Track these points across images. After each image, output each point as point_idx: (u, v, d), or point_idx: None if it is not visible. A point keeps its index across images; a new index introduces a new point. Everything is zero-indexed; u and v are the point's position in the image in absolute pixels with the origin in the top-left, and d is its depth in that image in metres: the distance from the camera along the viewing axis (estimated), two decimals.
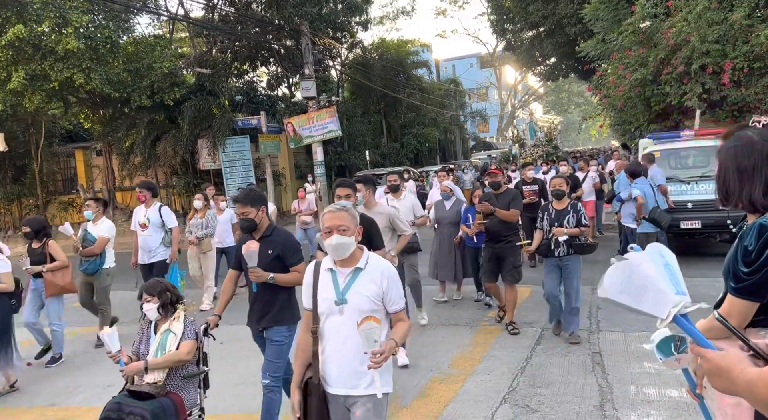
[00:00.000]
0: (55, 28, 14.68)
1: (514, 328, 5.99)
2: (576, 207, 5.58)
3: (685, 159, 9.39)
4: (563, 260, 5.52)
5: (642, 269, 1.68)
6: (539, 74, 31.71)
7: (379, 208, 5.28)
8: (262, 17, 19.64)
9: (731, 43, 12.31)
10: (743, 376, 1.26)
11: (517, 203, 6.05)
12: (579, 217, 5.50)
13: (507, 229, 6.01)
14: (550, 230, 5.54)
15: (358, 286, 2.61)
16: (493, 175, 6.20)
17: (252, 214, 3.80)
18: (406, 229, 5.25)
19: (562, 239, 5.42)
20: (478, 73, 47.37)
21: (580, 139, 66.84)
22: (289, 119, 18.31)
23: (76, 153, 21.77)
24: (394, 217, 5.19)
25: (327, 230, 2.57)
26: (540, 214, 5.73)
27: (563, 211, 5.57)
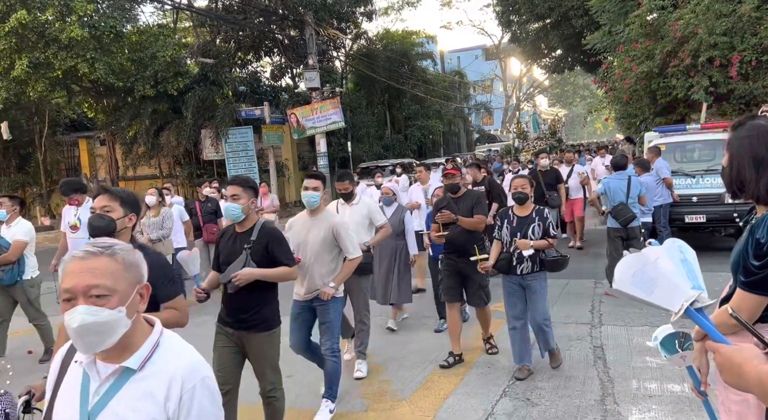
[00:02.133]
0: (59, 16, 14.64)
1: (492, 347, 5.24)
2: (542, 214, 4.64)
3: (691, 152, 9.31)
4: (527, 278, 4.60)
5: (658, 264, 1.65)
6: (545, 66, 31.47)
7: (325, 215, 4.26)
8: (266, 7, 19.54)
9: (739, 36, 12.17)
10: (756, 372, 1.23)
11: (482, 207, 5.09)
12: (546, 226, 4.59)
13: (472, 240, 5.01)
14: (512, 242, 4.60)
15: (118, 405, 1.41)
16: (450, 177, 5.19)
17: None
18: (351, 248, 4.17)
19: (527, 253, 4.50)
20: (483, 65, 47.12)
21: (585, 132, 66.56)
22: (292, 110, 18.25)
23: (79, 142, 21.78)
24: (339, 229, 4.14)
25: (66, 297, 1.37)
26: (498, 222, 4.78)
27: (527, 218, 4.63)
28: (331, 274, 4.14)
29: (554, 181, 9.48)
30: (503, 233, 4.69)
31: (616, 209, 6.79)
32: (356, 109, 21.78)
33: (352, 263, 4.19)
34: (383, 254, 6.05)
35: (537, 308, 4.65)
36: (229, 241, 3.52)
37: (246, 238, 3.43)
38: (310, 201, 4.11)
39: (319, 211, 4.19)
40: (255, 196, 3.51)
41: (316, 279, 4.12)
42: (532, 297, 4.64)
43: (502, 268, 4.66)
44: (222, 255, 3.54)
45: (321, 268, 4.14)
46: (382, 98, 25.51)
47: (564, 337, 5.54)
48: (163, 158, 19.73)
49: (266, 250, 3.40)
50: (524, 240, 4.52)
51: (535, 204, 5.63)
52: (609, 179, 7.12)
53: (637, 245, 6.80)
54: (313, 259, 4.10)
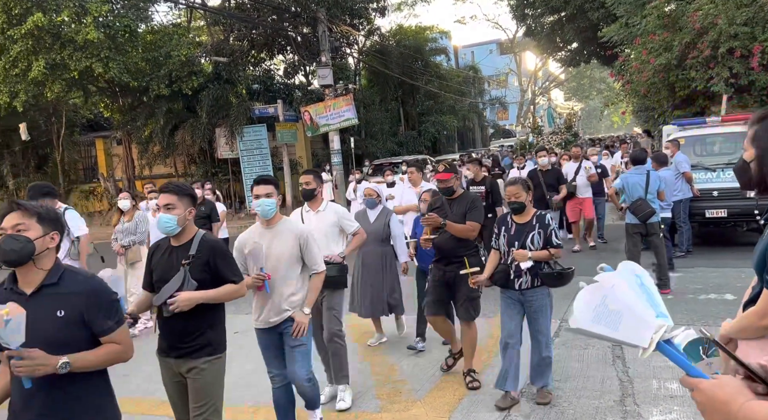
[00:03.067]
0: (74, 17, 14.77)
1: (474, 380, 4.54)
2: (543, 220, 4.11)
3: (711, 145, 9.11)
4: (526, 294, 4.08)
5: (616, 292, 1.43)
6: (560, 60, 31.15)
7: (285, 224, 3.72)
8: (278, 4, 19.54)
9: (761, 26, 11.88)
10: (743, 412, 1.05)
11: (476, 213, 4.52)
12: (548, 235, 4.05)
13: (462, 247, 4.50)
14: (509, 252, 4.10)
15: None
16: (443, 182, 4.62)
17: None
18: (319, 260, 3.73)
19: (524, 266, 3.98)
20: (497, 60, 46.76)
21: (602, 126, 65.81)
22: (306, 107, 18.24)
23: (96, 142, 22.01)
24: (308, 239, 3.66)
25: None
26: (495, 229, 4.26)
27: (526, 225, 4.09)
28: (299, 293, 3.65)
29: (555, 181, 8.73)
30: (500, 242, 4.17)
31: (635, 204, 6.63)
32: (370, 106, 21.73)
33: (320, 278, 3.71)
34: (368, 262, 5.43)
35: (539, 327, 4.11)
36: (164, 256, 3.06)
37: (183, 253, 2.99)
38: (265, 210, 3.57)
39: (276, 221, 3.65)
40: (193, 204, 3.08)
41: (282, 302, 3.58)
42: (532, 315, 4.12)
43: (499, 281, 4.17)
44: (156, 272, 3.07)
45: (287, 287, 3.60)
46: (395, 94, 25.41)
47: (581, 336, 5.44)
48: (178, 157, 19.86)
49: (208, 265, 2.97)
50: (521, 251, 3.99)
51: (535, 208, 5.51)
52: (627, 174, 6.99)
53: (657, 241, 6.68)
54: (278, 277, 3.57)
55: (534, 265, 3.99)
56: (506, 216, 4.26)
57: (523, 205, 4.09)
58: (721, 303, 6.02)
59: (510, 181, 4.31)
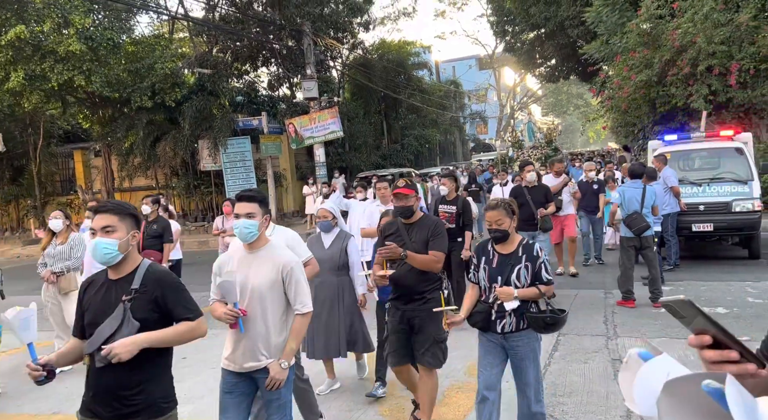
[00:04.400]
0: (55, 27, 14.52)
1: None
2: (531, 250, 3.41)
3: (695, 160, 9.31)
4: (510, 339, 3.39)
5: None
6: (539, 76, 31.69)
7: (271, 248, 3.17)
8: (263, 17, 19.52)
9: (737, 45, 12.26)
10: None
11: (441, 241, 3.79)
12: (537, 269, 3.36)
13: (425, 281, 3.80)
14: (491, 289, 3.41)
15: None
16: (401, 198, 3.85)
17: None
18: (305, 298, 3.22)
19: (509, 307, 3.32)
20: (477, 75, 47.31)
21: (579, 141, 66.92)
22: (290, 120, 18.18)
23: (74, 153, 21.59)
24: (293, 269, 3.06)
25: None
26: (474, 259, 3.56)
27: (511, 257, 3.41)
28: (279, 335, 3.00)
29: (543, 198, 7.64)
30: (480, 276, 3.47)
31: (631, 218, 6.70)
32: (353, 119, 21.76)
33: (305, 320, 3.05)
34: (321, 295, 4.62)
35: (527, 378, 3.42)
36: (100, 292, 2.49)
37: (124, 287, 2.44)
38: (243, 233, 2.97)
39: (259, 245, 3.07)
40: (137, 226, 2.55)
41: (260, 343, 2.96)
42: (518, 365, 3.43)
43: (478, 323, 3.46)
44: (89, 313, 2.48)
45: (266, 329, 2.98)
46: (379, 108, 25.52)
47: (580, 349, 5.47)
48: (160, 169, 19.57)
49: (155, 302, 2.43)
50: (506, 288, 3.32)
51: (525, 230, 5.14)
52: (624, 188, 7.05)
53: (651, 254, 6.76)
54: (255, 315, 2.96)
55: (520, 304, 3.33)
56: (487, 244, 3.53)
57: (506, 233, 3.40)
58: (714, 317, 6.08)
59: (491, 204, 3.49)
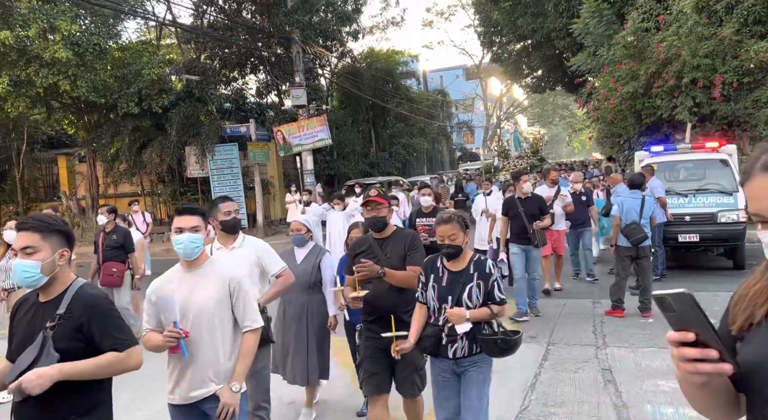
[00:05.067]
0: (41, 33, 14.37)
1: None
2: (484, 267, 3.14)
3: (681, 172, 9.42)
4: (462, 364, 3.12)
5: None
6: (526, 86, 32.01)
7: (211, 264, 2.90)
8: (252, 24, 19.51)
9: (721, 58, 12.48)
10: None
11: (419, 254, 3.51)
12: (490, 287, 3.10)
13: (405, 301, 3.45)
14: (441, 310, 3.12)
15: None
16: (373, 207, 3.54)
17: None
18: (253, 314, 2.90)
19: (461, 330, 3.03)
20: (464, 85, 47.66)
21: (564, 151, 67.59)
22: (278, 127, 18.15)
23: (58, 159, 21.33)
24: (240, 285, 2.85)
25: None
26: (422, 277, 3.24)
27: (462, 274, 3.13)
28: (230, 358, 2.75)
29: (537, 210, 7.01)
30: (429, 295, 3.17)
31: (629, 228, 6.66)
32: (342, 127, 21.79)
33: (254, 337, 2.79)
34: (290, 313, 4.34)
35: (468, 404, 3.11)
36: (28, 314, 2.29)
37: (50, 312, 2.21)
38: (189, 248, 2.75)
39: (201, 262, 2.82)
40: (67, 243, 2.30)
41: (209, 369, 2.70)
42: (465, 388, 3.14)
43: (428, 348, 3.17)
44: (15, 337, 2.29)
45: (213, 351, 2.72)
46: (367, 116, 25.58)
47: (570, 358, 5.48)
48: (146, 175, 19.41)
49: (80, 330, 2.18)
50: (457, 309, 3.03)
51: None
52: (624, 198, 7.00)
53: (645, 264, 6.79)
54: (200, 336, 2.70)
55: (473, 327, 3.04)
56: (436, 260, 3.23)
57: (460, 249, 3.12)
58: None
59: (444, 218, 3.17)
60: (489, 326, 3.10)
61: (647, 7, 13.63)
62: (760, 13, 12.59)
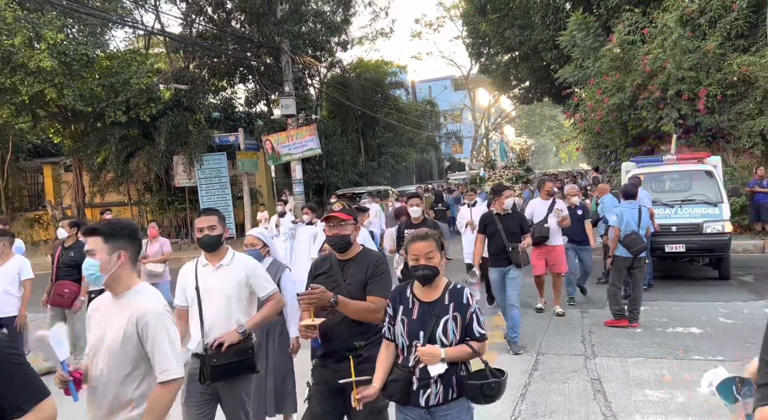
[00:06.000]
0: (27, 41, 14.26)
1: None
2: (460, 298, 2.64)
3: (667, 183, 9.53)
4: (437, 413, 2.60)
5: None
6: (514, 97, 32.24)
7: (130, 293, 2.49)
8: (241, 34, 19.52)
9: (705, 71, 12.70)
10: None
11: (383, 283, 3.03)
12: (468, 320, 2.61)
13: (362, 333, 2.98)
14: (411, 349, 2.62)
15: None
16: (336, 223, 3.07)
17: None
18: (167, 361, 2.39)
19: (435, 372, 2.52)
20: (452, 95, 47.99)
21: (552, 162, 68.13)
22: (267, 136, 18.11)
23: (44, 168, 21.08)
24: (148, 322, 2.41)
25: None
26: (389, 309, 2.74)
27: (436, 305, 2.64)
28: (132, 407, 2.36)
29: (518, 228, 6.24)
30: (397, 331, 2.67)
31: (630, 238, 6.58)
32: (331, 136, 21.79)
33: (166, 392, 2.33)
34: None
35: None
36: None
37: None
38: (86, 274, 2.44)
39: (120, 289, 2.45)
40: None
41: (112, 415, 2.35)
42: None
43: (395, 395, 2.65)
44: None
45: (117, 395, 2.36)
46: (356, 126, 25.63)
47: (560, 368, 5.49)
48: (133, 185, 19.25)
49: None
50: (430, 347, 2.53)
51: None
52: (621, 208, 6.93)
53: (639, 274, 6.79)
54: (110, 374, 2.36)
55: (450, 367, 2.54)
56: (405, 289, 2.74)
57: (437, 271, 2.64)
58: (689, 336, 6.21)
59: (419, 234, 2.71)
60: (467, 367, 2.63)
61: (633, 20, 13.84)
62: (743, 27, 12.86)
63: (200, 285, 3.33)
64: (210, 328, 3.26)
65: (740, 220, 12.25)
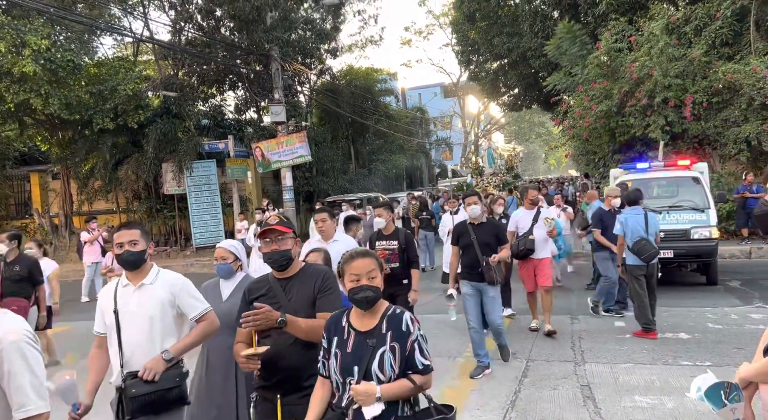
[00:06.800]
0: (11, 48, 14.15)
1: None
2: (399, 324, 2.32)
3: (655, 189, 9.61)
4: None
5: None
6: (503, 104, 32.44)
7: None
8: (231, 41, 19.50)
9: (691, 78, 12.86)
10: None
11: (332, 297, 2.75)
12: (409, 351, 2.29)
13: (314, 359, 2.46)
14: (344, 387, 2.31)
15: None
16: (273, 238, 2.76)
17: None
18: (23, 401, 2.08)
19: (370, 414, 2.20)
20: (442, 102, 48.19)
21: (541, 168, 68.52)
22: (257, 143, 18.07)
23: (31, 176, 20.88)
24: None
25: None
26: (323, 341, 2.41)
27: (372, 334, 2.33)
28: None
29: (494, 239, 5.64)
30: (331, 366, 2.34)
31: (639, 245, 6.34)
32: (321, 143, 21.78)
33: None
34: (215, 361, 3.53)
35: None
36: None
37: None
38: None
39: None
40: None
41: None
42: None
43: None
44: None
45: None
46: (346, 133, 25.64)
47: (550, 375, 5.49)
48: (121, 192, 19.12)
49: None
50: (365, 385, 2.21)
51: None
52: (626, 215, 6.69)
53: (653, 283, 6.55)
54: None
55: (388, 407, 2.21)
56: (340, 318, 2.42)
57: (379, 293, 2.34)
58: (678, 342, 6.24)
59: (359, 252, 2.44)
60: (410, 405, 2.29)
61: (620, 28, 14.01)
62: (727, 35, 13.05)
63: (119, 307, 2.94)
64: (131, 355, 2.88)
65: (727, 226, 12.38)
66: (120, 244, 2.96)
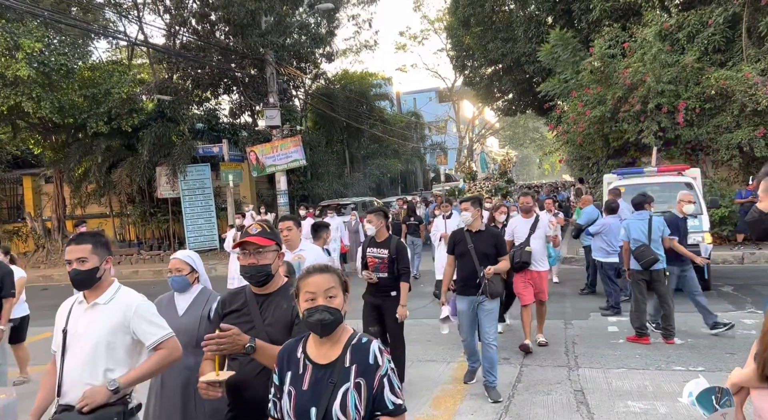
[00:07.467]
0: (5, 51, 14.10)
1: None
2: (365, 355, 1.96)
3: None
4: None
5: None
6: (497, 109, 32.53)
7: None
8: (226, 45, 19.50)
9: (684, 85, 12.93)
10: None
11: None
12: (377, 387, 1.93)
13: None
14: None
15: None
16: (252, 250, 2.49)
17: None
18: None
19: None
20: (437, 107, 48.32)
21: (536, 173, 68.76)
22: (252, 147, 18.05)
23: (23, 179, 20.79)
24: None
25: None
26: (275, 377, 2.06)
27: (333, 368, 1.97)
28: None
29: (492, 249, 5.28)
30: (283, 408, 1.99)
31: (639, 250, 6.32)
32: (316, 148, 21.77)
33: None
34: (171, 385, 3.14)
35: None
36: None
37: None
38: None
39: None
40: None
41: None
42: None
43: None
44: None
45: None
46: (341, 137, 25.65)
47: (543, 380, 5.49)
48: (115, 196, 19.05)
49: None
50: None
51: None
52: (629, 220, 6.66)
53: (662, 289, 6.44)
54: None
55: None
56: (295, 348, 2.07)
57: (338, 315, 1.99)
58: (670, 347, 6.26)
59: (314, 267, 2.07)
60: None
61: (613, 34, 14.08)
62: (720, 42, 13.15)
63: (69, 327, 2.61)
64: (70, 384, 2.53)
65: (719, 231, 12.43)
66: (68, 260, 2.61)
